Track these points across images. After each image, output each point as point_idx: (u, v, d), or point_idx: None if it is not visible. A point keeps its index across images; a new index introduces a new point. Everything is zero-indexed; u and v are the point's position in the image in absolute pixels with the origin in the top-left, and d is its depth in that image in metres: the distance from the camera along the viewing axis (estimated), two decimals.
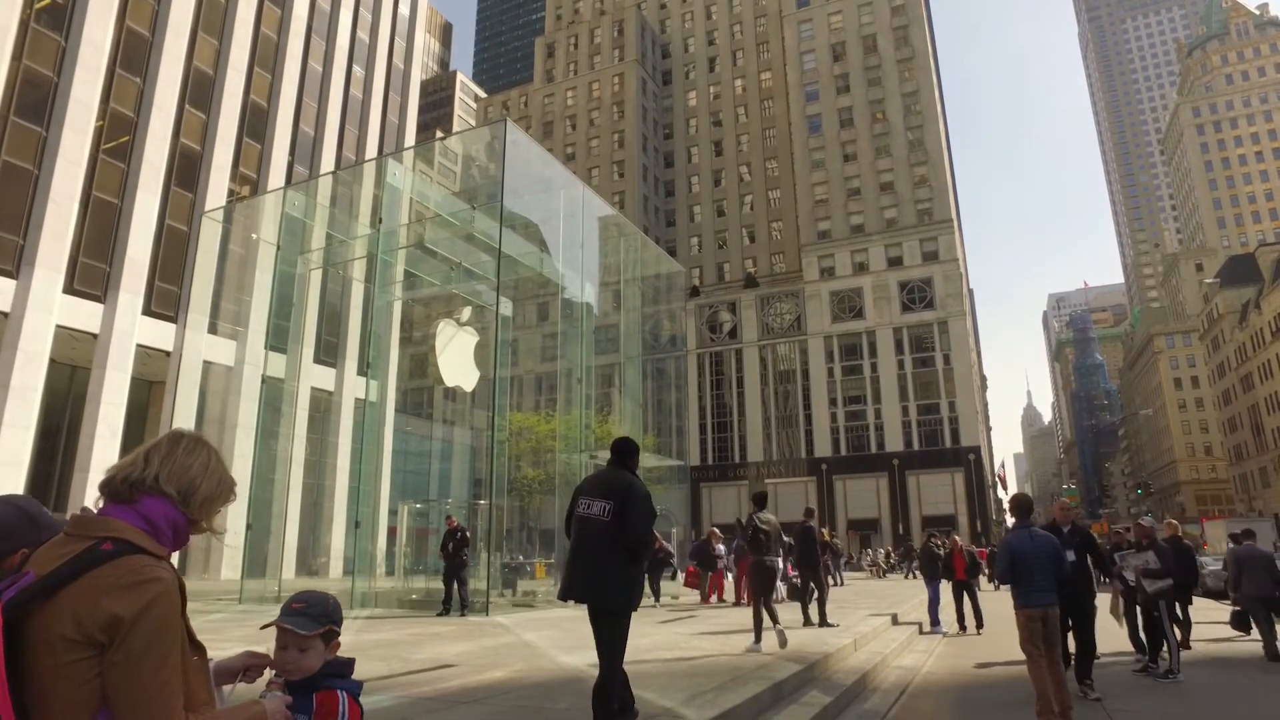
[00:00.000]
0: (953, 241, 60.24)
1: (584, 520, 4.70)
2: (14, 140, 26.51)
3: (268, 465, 33.08)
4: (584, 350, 23.86)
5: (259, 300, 32.69)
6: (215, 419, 30.41)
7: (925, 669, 9.27)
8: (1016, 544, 6.45)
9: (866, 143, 64.85)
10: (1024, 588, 6.34)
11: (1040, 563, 6.26)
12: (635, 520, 4.66)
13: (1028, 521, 6.51)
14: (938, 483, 56.44)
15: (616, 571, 4.64)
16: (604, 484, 4.81)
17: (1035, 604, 6.25)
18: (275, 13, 36.13)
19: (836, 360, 61.38)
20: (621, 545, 4.62)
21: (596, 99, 78.87)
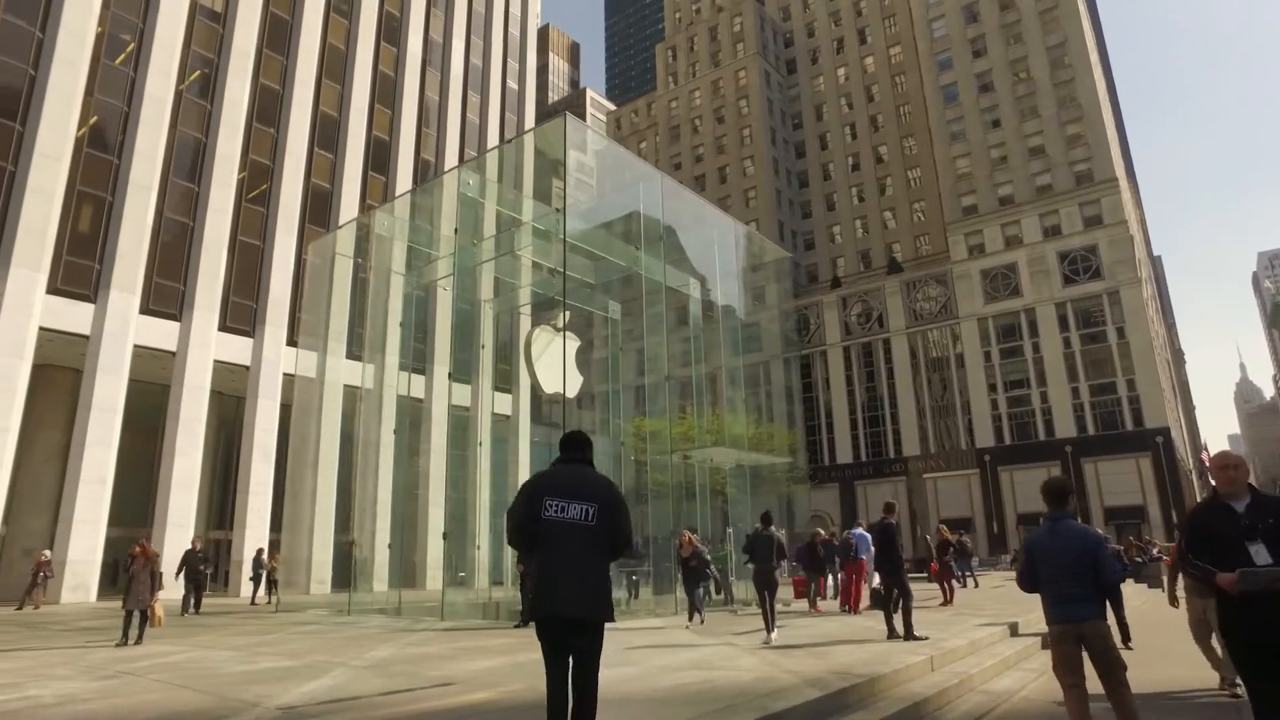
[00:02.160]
0: (1118, 203, 54.19)
1: (559, 525, 4.11)
2: (173, 196, 29.66)
3: (410, 482, 34.91)
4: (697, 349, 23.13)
5: (392, 323, 34.73)
6: (357, 439, 32.46)
7: (1022, 694, 7.95)
8: (1034, 541, 5.30)
9: (1009, 106, 59.80)
10: (1050, 597, 5.17)
11: (1067, 564, 5.03)
12: (626, 523, 4.26)
13: (1061, 512, 5.28)
14: (1120, 470, 50.80)
15: (605, 582, 4.24)
16: (579, 483, 4.24)
17: (1064, 618, 5.05)
18: (391, 51, 38.38)
19: (993, 343, 56.85)
20: (608, 553, 4.21)
21: (720, 97, 78.05)
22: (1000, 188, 59.02)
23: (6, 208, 25.62)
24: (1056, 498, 5.32)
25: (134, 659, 9.25)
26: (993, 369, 56.51)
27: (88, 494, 25.68)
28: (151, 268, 28.61)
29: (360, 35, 37.17)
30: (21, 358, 25.09)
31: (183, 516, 27.93)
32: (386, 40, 38.62)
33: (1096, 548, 5.08)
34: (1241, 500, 4.27)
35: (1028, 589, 5.34)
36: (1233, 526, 4.13)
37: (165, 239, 29.15)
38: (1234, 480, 4.36)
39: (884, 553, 10.06)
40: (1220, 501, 4.35)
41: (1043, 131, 57.96)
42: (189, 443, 28.46)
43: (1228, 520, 4.19)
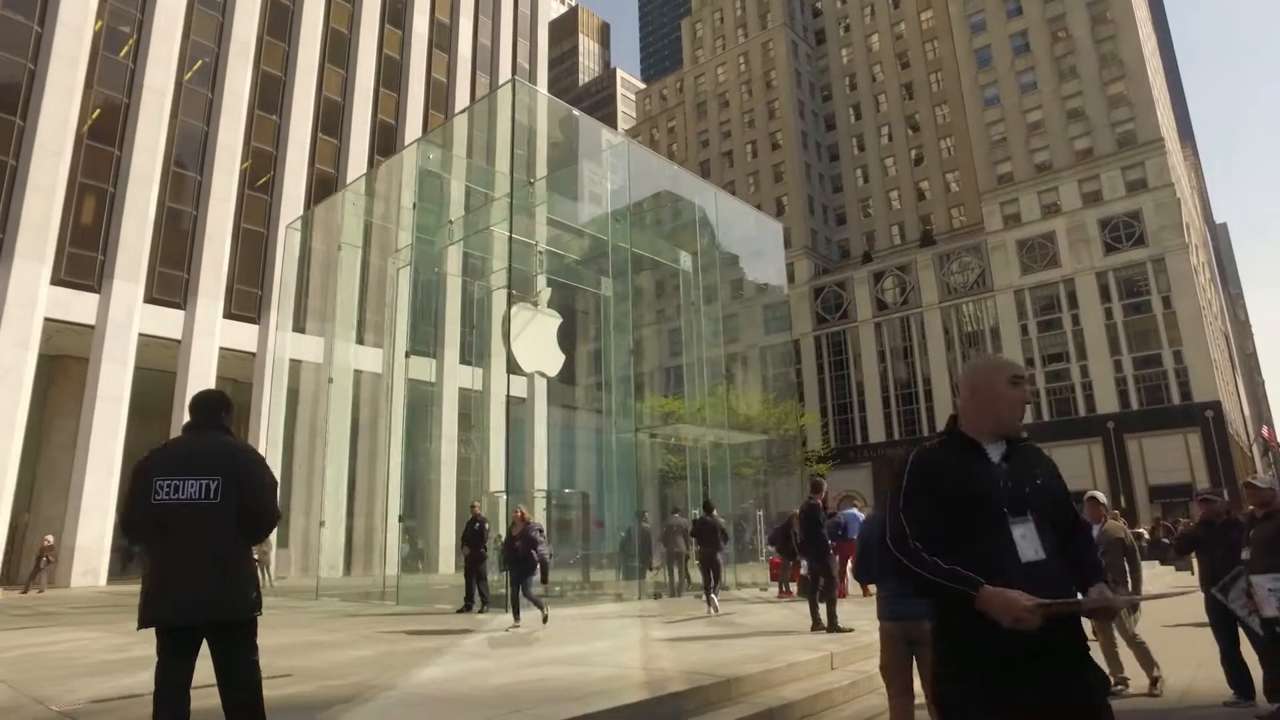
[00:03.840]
0: (1164, 165, 51.28)
1: (171, 509, 3.35)
2: (176, 186, 29.87)
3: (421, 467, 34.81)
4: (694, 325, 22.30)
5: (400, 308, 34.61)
6: (367, 424, 32.49)
7: None
8: (868, 531, 4.60)
9: (1047, 67, 56.97)
10: (886, 592, 4.47)
11: None
12: (264, 496, 3.53)
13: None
14: (1166, 446, 48.40)
15: (241, 569, 3.48)
16: (196, 454, 3.48)
17: (897, 614, 4.34)
18: (396, 34, 38.04)
19: (1030, 315, 54.59)
20: (244, 534, 3.47)
21: (746, 72, 76.25)
22: (1037, 154, 56.41)
23: (9, 201, 26.03)
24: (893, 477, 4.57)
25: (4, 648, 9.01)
26: (1030, 343, 54.29)
27: (95, 481, 26.12)
28: (155, 257, 28.87)
29: (364, 19, 36.91)
30: (28, 349, 25.54)
31: None
32: (391, 23, 38.32)
33: None
34: (998, 443, 2.27)
35: (865, 580, 4.65)
36: (991, 486, 2.17)
37: (168, 228, 29.38)
38: (1001, 404, 2.27)
39: (809, 537, 9.27)
40: (966, 436, 2.29)
41: (1082, 93, 55.13)
42: None
43: (982, 474, 2.20)
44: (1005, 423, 2.29)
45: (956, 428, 2.35)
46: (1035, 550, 2.10)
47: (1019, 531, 2.10)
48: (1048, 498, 2.23)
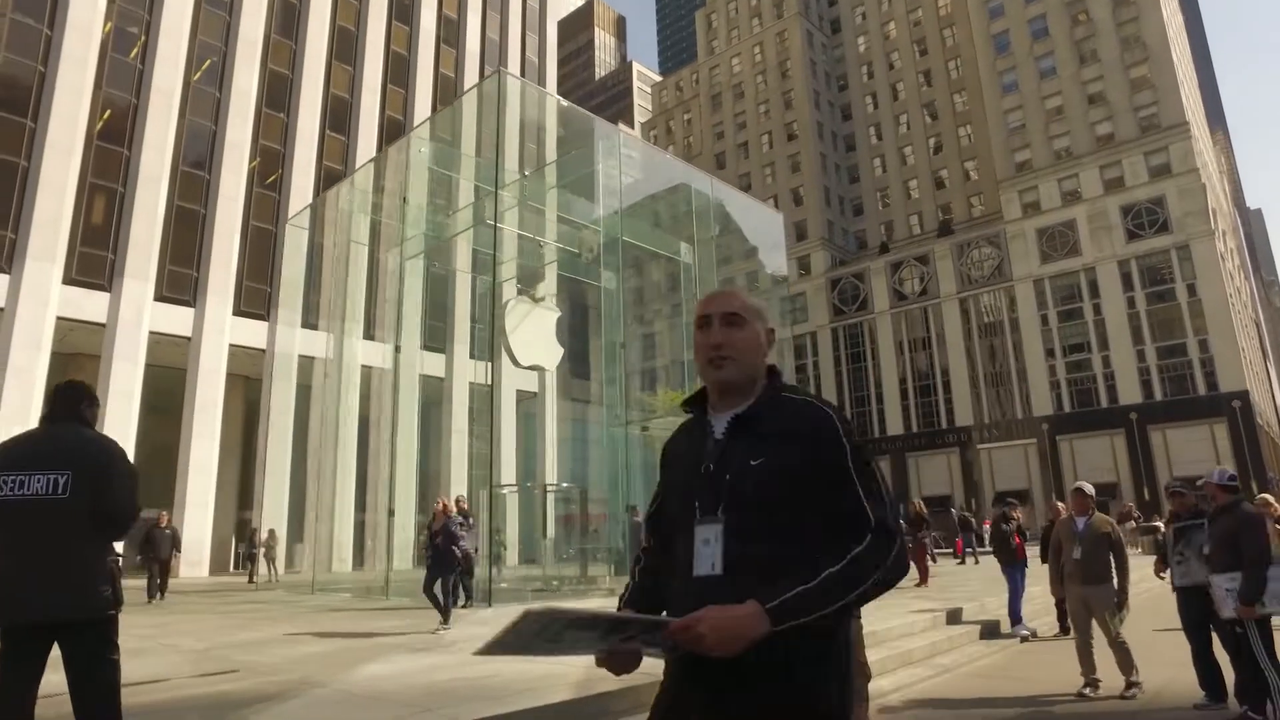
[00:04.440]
0: (1189, 150, 50.02)
1: (14, 506, 3.14)
2: (185, 185, 30.16)
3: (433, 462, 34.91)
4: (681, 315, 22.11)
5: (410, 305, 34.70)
6: (376, 419, 32.65)
7: (893, 696, 6.92)
8: None
9: (1066, 51, 55.79)
10: None
11: None
12: (120, 491, 3.29)
13: None
14: (1191, 438, 47.31)
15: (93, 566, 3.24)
16: (45, 448, 3.27)
17: None
18: (404, 30, 38.09)
19: (1050, 305, 53.60)
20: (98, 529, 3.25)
21: (761, 62, 75.56)
22: (1056, 140, 55.32)
23: (21, 202, 26.43)
24: None
25: None
26: (1050, 333, 53.33)
27: None
28: (165, 255, 29.18)
29: (371, 15, 36.98)
30: (40, 348, 25.93)
31: (202, 498, 28.63)
32: (399, 19, 38.38)
33: None
34: (726, 412, 1.67)
35: None
36: (691, 476, 1.67)
37: (178, 227, 29.67)
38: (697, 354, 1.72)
39: None
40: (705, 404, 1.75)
41: (1103, 77, 53.93)
42: (206, 426, 29.10)
43: (693, 457, 1.68)
44: (703, 378, 1.72)
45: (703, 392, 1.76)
46: (712, 563, 1.56)
47: (702, 536, 1.58)
48: (766, 486, 1.53)
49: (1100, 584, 6.81)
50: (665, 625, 1.41)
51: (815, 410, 1.59)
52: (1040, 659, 8.50)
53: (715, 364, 1.65)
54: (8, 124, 26.63)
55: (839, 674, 1.50)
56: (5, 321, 25.46)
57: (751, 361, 1.65)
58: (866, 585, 1.44)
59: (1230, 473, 5.74)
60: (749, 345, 1.65)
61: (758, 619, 1.38)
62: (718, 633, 1.37)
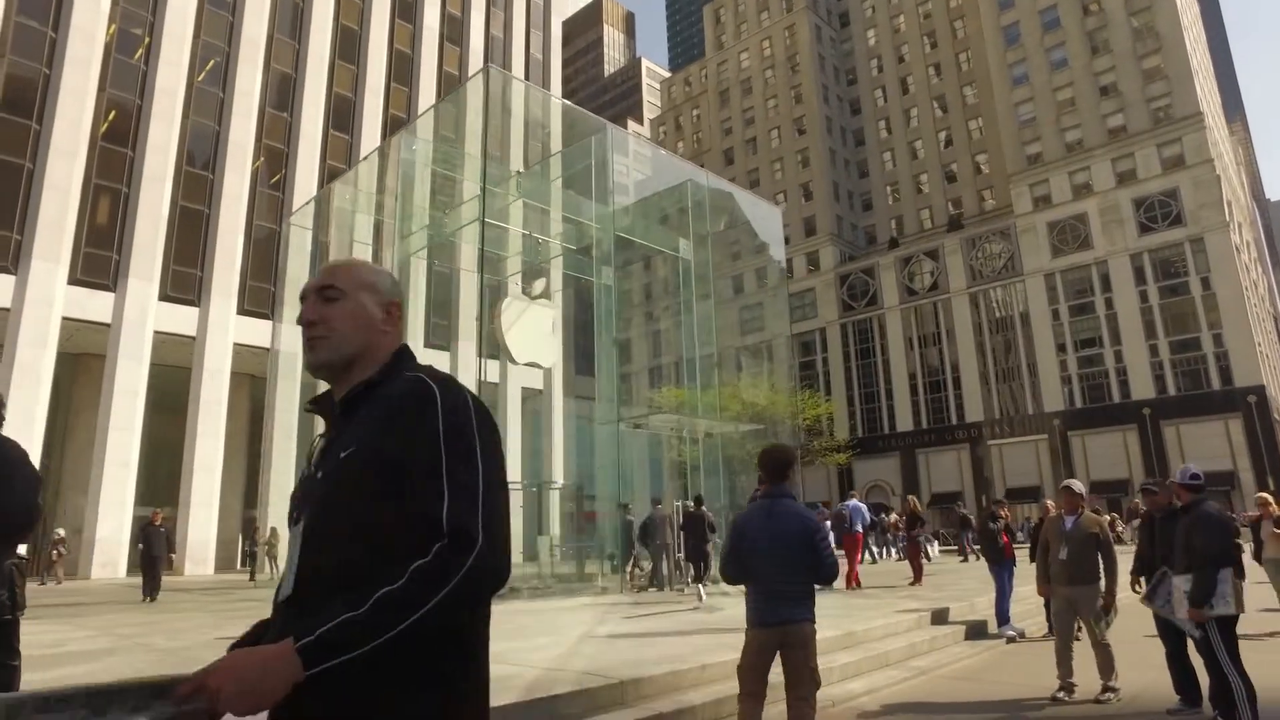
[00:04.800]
0: (1203, 141, 49.28)
1: None
2: (188, 185, 30.32)
3: None
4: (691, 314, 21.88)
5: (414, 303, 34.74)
6: None
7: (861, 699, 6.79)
8: (745, 522, 4.25)
9: (1078, 42, 55.10)
10: (757, 592, 4.13)
11: (782, 555, 3.98)
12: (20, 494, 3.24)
13: (780, 488, 4.18)
14: (1206, 433, 46.68)
15: None
16: None
17: (771, 619, 4.01)
18: (407, 28, 38.10)
19: (1062, 300, 53.00)
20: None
21: (769, 57, 75.14)
22: (1068, 132, 54.65)
23: (26, 203, 26.64)
24: (777, 470, 4.21)
25: None
26: (1061, 328, 52.76)
27: (113, 475, 26.70)
28: (169, 255, 29.35)
29: (374, 15, 37.03)
30: (45, 347, 26.15)
31: (207, 497, 28.80)
32: (402, 18, 38.41)
33: (815, 533, 4.01)
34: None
35: (734, 578, 4.30)
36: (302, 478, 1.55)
37: (182, 227, 29.83)
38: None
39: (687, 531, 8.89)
40: None
41: (1115, 68, 53.22)
42: (210, 425, 29.27)
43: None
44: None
45: None
46: (287, 583, 1.32)
47: (289, 550, 1.36)
48: (347, 483, 1.29)
49: (1087, 585, 6.64)
50: (174, 687, 1.11)
51: (421, 386, 1.33)
52: (1023, 661, 8.34)
53: (308, 345, 1.42)
54: (12, 126, 26.85)
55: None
56: (11, 321, 25.69)
57: (353, 339, 1.41)
58: (427, 608, 1.15)
59: (1194, 471, 5.57)
60: (348, 321, 1.41)
61: (285, 663, 1.10)
62: (237, 686, 1.09)
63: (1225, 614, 5.05)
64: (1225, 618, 5.09)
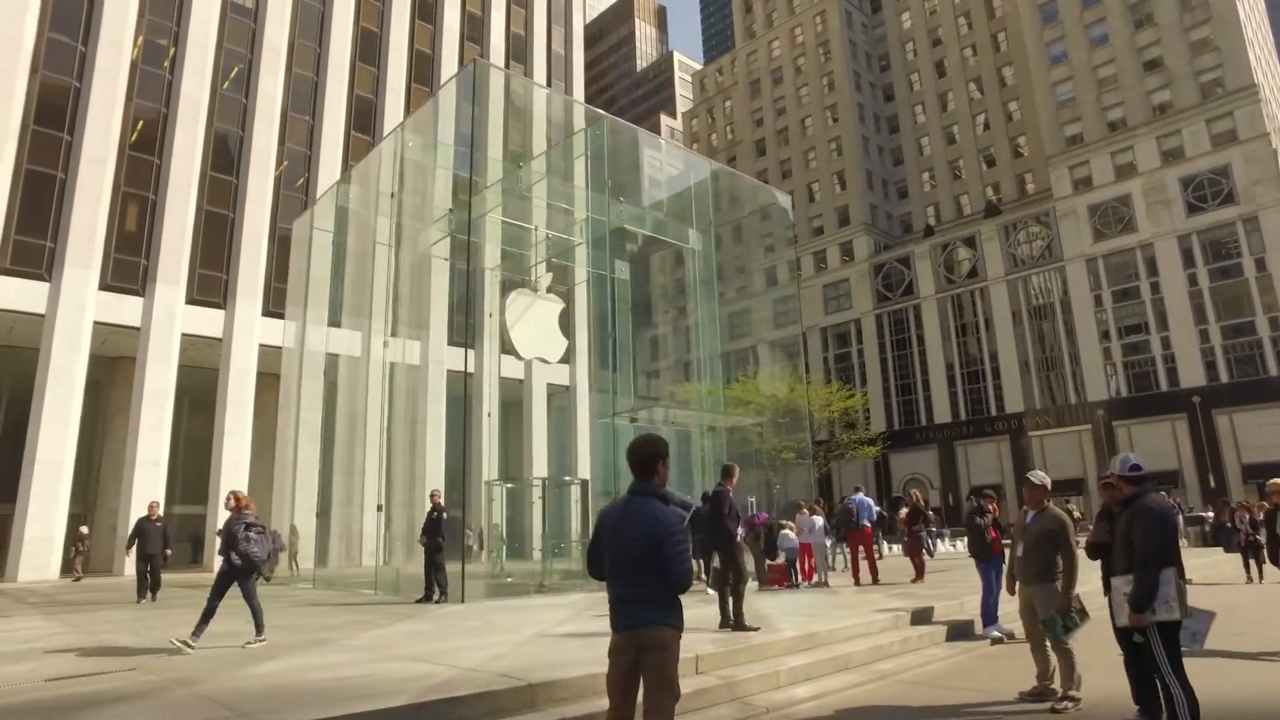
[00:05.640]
0: (1257, 114, 47.00)
1: None
2: (213, 190, 30.94)
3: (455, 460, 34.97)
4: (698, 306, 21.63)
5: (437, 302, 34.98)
6: (405, 418, 33.03)
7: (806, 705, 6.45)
8: (600, 518, 3.96)
9: (1119, 17, 52.99)
10: (611, 593, 3.82)
11: (633, 555, 3.63)
12: None
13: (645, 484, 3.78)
14: (1262, 421, 44.57)
15: None
16: None
17: (622, 623, 3.67)
18: (427, 29, 38.34)
19: (1104, 285, 51.11)
20: None
21: (800, 45, 73.96)
22: (1109, 111, 52.63)
23: (60, 212, 27.47)
24: (641, 465, 3.85)
25: None
26: (1104, 314, 50.87)
27: (144, 475, 27.42)
28: (195, 259, 30.00)
29: (394, 16, 37.33)
30: (79, 351, 26.94)
31: None
32: (422, 18, 38.66)
33: (665, 539, 3.60)
34: None
35: (595, 576, 4.00)
36: None
37: (207, 231, 30.47)
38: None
39: (713, 526, 8.57)
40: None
41: (1160, 41, 51.06)
42: (238, 424, 29.86)
43: None
44: None
45: None
46: None
47: None
48: None
49: (1043, 584, 6.23)
50: None
51: None
52: (998, 665, 7.90)
53: None
54: (46, 138, 27.69)
55: None
56: (46, 326, 26.53)
57: None
58: None
59: (1134, 461, 5.10)
60: None
61: None
62: None
63: (1167, 619, 4.62)
64: (1167, 623, 4.66)
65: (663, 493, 3.80)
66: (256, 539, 8.17)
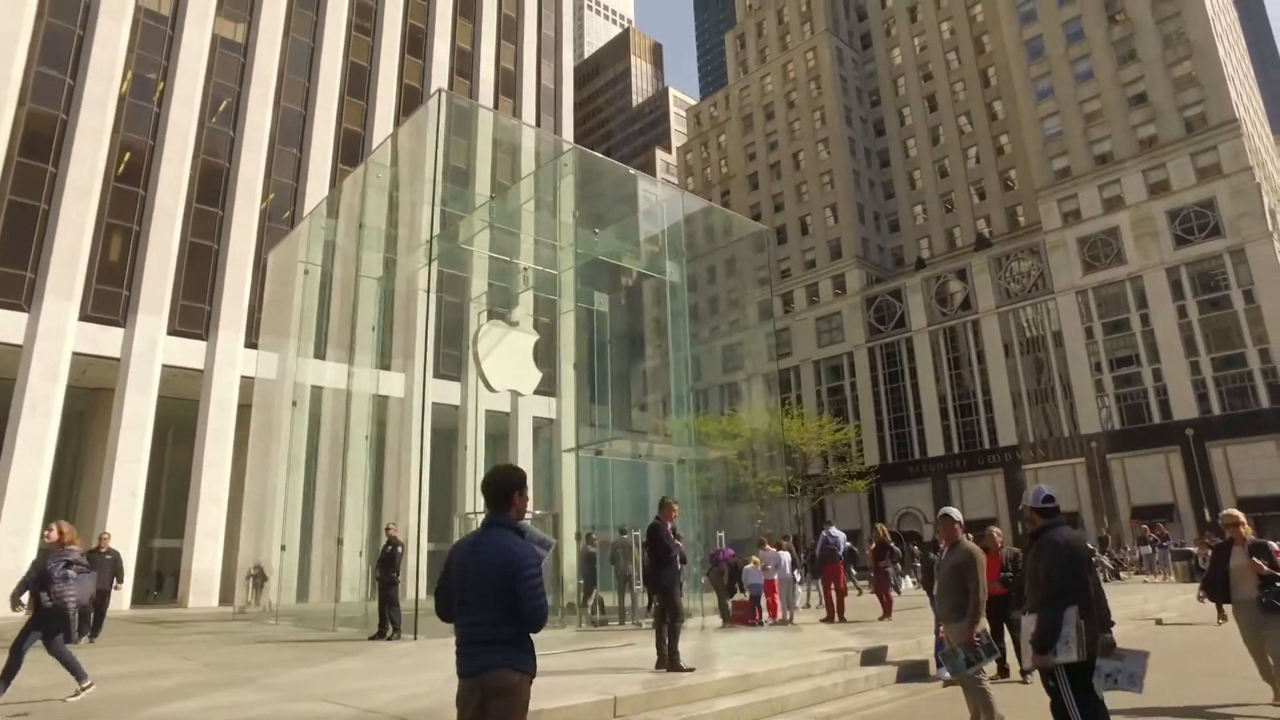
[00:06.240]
0: (1240, 148, 47.35)
1: None
2: (198, 220, 31.02)
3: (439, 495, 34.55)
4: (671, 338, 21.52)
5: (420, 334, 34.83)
6: (392, 449, 32.71)
7: None
8: (450, 554, 3.71)
9: (1103, 52, 53.67)
10: (457, 635, 3.56)
11: (483, 593, 3.36)
12: None
13: (500, 516, 3.61)
14: (1255, 454, 44.24)
15: None
16: None
17: (467, 668, 3.37)
18: (417, 64, 38.76)
19: (1095, 317, 51.08)
20: None
21: (791, 80, 74.89)
22: (1096, 145, 53.07)
23: (41, 243, 27.49)
24: (496, 496, 3.63)
25: None
26: (1096, 346, 50.77)
27: (119, 507, 27.07)
28: (178, 290, 29.96)
29: (384, 50, 37.77)
30: (56, 381, 26.77)
31: (213, 528, 28.99)
32: (411, 53, 39.13)
33: (517, 573, 3.35)
34: None
35: (442, 615, 3.75)
36: None
37: (191, 262, 30.47)
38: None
39: (655, 561, 8.30)
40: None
41: (1144, 76, 51.65)
42: (217, 456, 29.57)
43: None
44: None
45: None
46: None
47: None
48: None
49: (955, 622, 6.00)
50: None
51: None
52: (945, 707, 7.61)
53: None
54: (30, 170, 27.81)
55: None
56: (24, 357, 26.39)
57: None
58: None
59: (1047, 492, 4.91)
60: None
61: None
62: None
63: (1067, 660, 4.39)
64: (1073, 665, 4.42)
65: (519, 525, 3.59)
66: (75, 580, 7.10)
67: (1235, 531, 7.31)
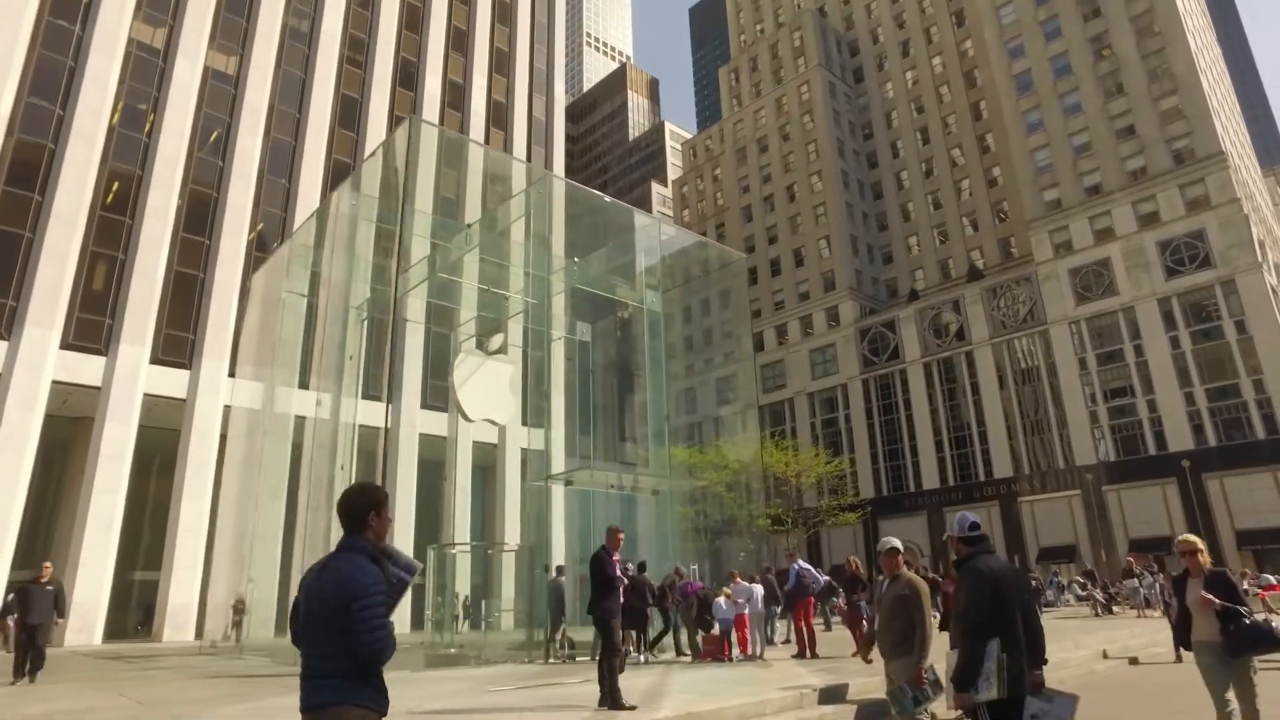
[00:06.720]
0: (1226, 180, 47.59)
1: None
2: (184, 250, 30.99)
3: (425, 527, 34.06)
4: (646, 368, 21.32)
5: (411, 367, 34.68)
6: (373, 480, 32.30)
7: None
8: (302, 580, 3.43)
9: (1091, 86, 54.24)
10: (301, 668, 3.27)
11: (320, 621, 3.09)
12: None
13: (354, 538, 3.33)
14: (1252, 485, 43.76)
15: None
16: None
17: (305, 704, 3.09)
18: (408, 96, 39.08)
19: (1088, 348, 50.92)
20: None
21: (785, 114, 75.64)
22: (1086, 177, 53.37)
23: (24, 271, 27.41)
24: (349, 517, 3.36)
25: None
26: (1090, 377, 50.54)
27: (94, 538, 26.64)
28: (162, 319, 29.83)
29: (375, 82, 38.11)
30: (34, 410, 26.51)
31: (191, 559, 28.52)
32: (403, 85, 39.48)
33: (352, 601, 3.02)
34: None
35: (296, 642, 3.44)
36: None
37: (175, 291, 30.38)
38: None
39: (597, 595, 7.94)
40: None
41: (1131, 110, 52.11)
42: (199, 486, 29.19)
43: None
44: None
45: None
46: None
47: None
48: None
49: (898, 659, 5.67)
50: None
51: None
52: None
53: None
54: (16, 199, 27.83)
55: None
56: (1, 385, 26.14)
57: None
58: None
59: (972, 520, 4.63)
60: None
61: None
62: None
63: (989, 699, 4.10)
64: (995, 703, 4.13)
65: (378, 548, 3.30)
66: None
67: (1191, 561, 6.20)
